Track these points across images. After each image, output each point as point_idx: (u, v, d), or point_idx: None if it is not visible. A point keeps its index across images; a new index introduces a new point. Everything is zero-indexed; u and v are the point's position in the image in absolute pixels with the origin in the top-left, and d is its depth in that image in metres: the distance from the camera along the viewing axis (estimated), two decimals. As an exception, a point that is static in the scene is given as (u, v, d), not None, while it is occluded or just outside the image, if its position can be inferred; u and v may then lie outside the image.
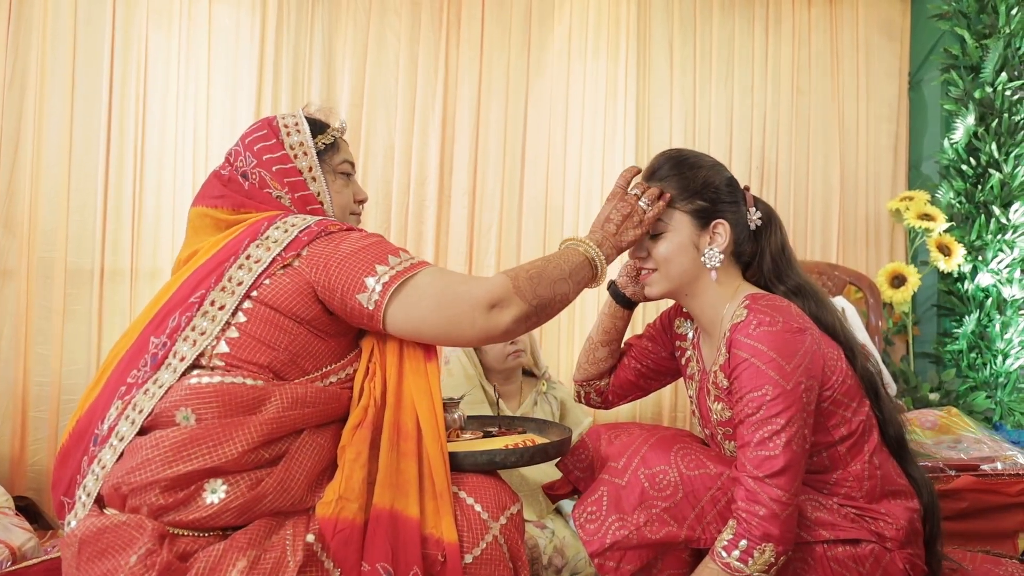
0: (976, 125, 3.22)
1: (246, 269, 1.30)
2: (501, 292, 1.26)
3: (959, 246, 3.07)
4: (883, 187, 3.45)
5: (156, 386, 1.25)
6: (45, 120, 2.42)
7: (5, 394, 2.37)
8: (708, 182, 1.42)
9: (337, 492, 1.21)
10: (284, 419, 1.23)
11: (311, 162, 1.46)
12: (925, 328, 3.38)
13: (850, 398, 1.37)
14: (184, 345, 1.26)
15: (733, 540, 1.23)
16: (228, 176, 1.46)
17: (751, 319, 1.31)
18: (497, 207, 2.97)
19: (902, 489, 1.40)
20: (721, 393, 1.39)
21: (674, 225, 1.42)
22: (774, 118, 3.35)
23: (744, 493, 1.24)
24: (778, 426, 1.25)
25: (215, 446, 1.18)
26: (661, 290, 1.45)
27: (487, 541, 1.25)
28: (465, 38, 2.95)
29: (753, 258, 1.47)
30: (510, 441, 1.48)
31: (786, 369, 1.26)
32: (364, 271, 1.27)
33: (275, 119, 1.49)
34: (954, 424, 2.30)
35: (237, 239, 1.35)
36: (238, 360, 1.25)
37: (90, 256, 2.47)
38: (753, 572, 1.22)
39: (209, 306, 1.28)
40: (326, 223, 1.35)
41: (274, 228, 1.34)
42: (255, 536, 1.18)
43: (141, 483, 1.17)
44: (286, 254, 1.30)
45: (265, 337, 1.27)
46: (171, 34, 2.58)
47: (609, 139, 3.11)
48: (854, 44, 3.44)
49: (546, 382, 2.48)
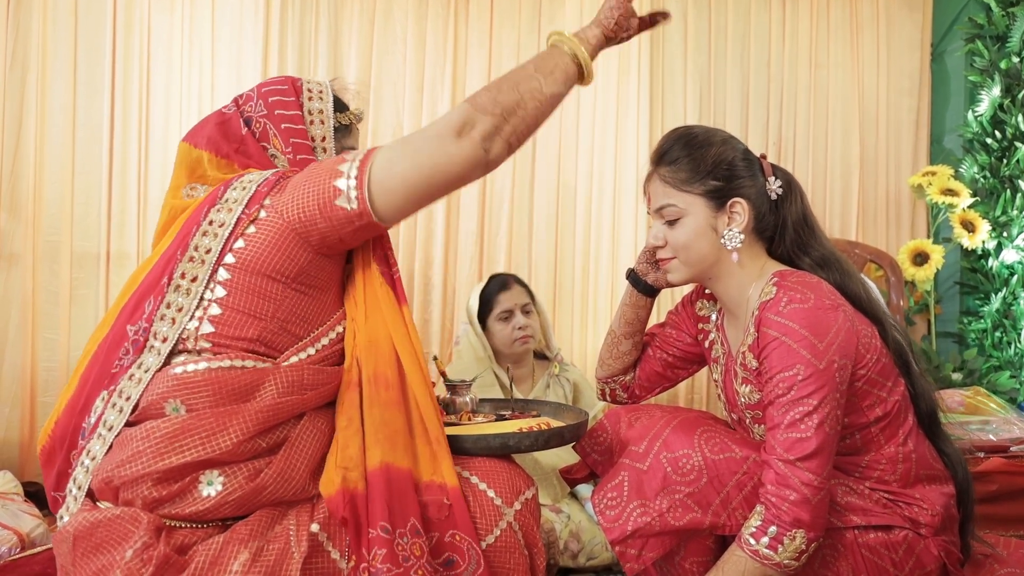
0: (1002, 97, 3.13)
1: (211, 235, 1.24)
2: (461, 115, 1.20)
3: (983, 222, 2.99)
4: (904, 162, 3.37)
5: (142, 371, 1.20)
6: (48, 102, 2.39)
7: (13, 380, 2.36)
8: (720, 159, 1.36)
9: (336, 462, 1.17)
10: (281, 406, 1.17)
11: (327, 132, 1.40)
12: (948, 307, 3.31)
13: (885, 377, 1.31)
14: (163, 325, 1.21)
15: (762, 526, 1.19)
16: (229, 116, 1.38)
17: (781, 296, 1.25)
18: (508, 187, 2.92)
19: (938, 473, 1.34)
20: (749, 375, 1.34)
21: (689, 209, 1.35)
22: (791, 93, 3.27)
23: (774, 477, 1.19)
24: (810, 407, 1.19)
25: (208, 437, 1.12)
26: (682, 277, 1.40)
27: (501, 528, 1.21)
28: (474, 14, 2.88)
29: (776, 232, 1.41)
30: (524, 424, 1.44)
31: (818, 347, 1.21)
32: (330, 178, 1.21)
33: (299, 80, 1.43)
34: (981, 404, 2.23)
35: (197, 209, 1.29)
36: (226, 338, 1.19)
37: (96, 240, 2.45)
38: (783, 559, 1.17)
39: (180, 279, 1.22)
40: (282, 171, 1.30)
41: (232, 190, 1.28)
42: (257, 527, 1.13)
43: (132, 476, 1.12)
44: (249, 210, 1.24)
45: (250, 308, 1.21)
46: (174, 14, 2.54)
47: (622, 116, 3.04)
48: (874, 15, 3.34)
49: (558, 364, 2.44)
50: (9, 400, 2.36)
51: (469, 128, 1.19)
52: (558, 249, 2.98)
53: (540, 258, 2.95)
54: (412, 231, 2.83)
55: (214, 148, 1.35)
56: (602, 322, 3.00)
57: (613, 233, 3.00)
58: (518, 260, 2.91)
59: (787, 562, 1.17)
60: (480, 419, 1.54)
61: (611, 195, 3.02)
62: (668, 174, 1.37)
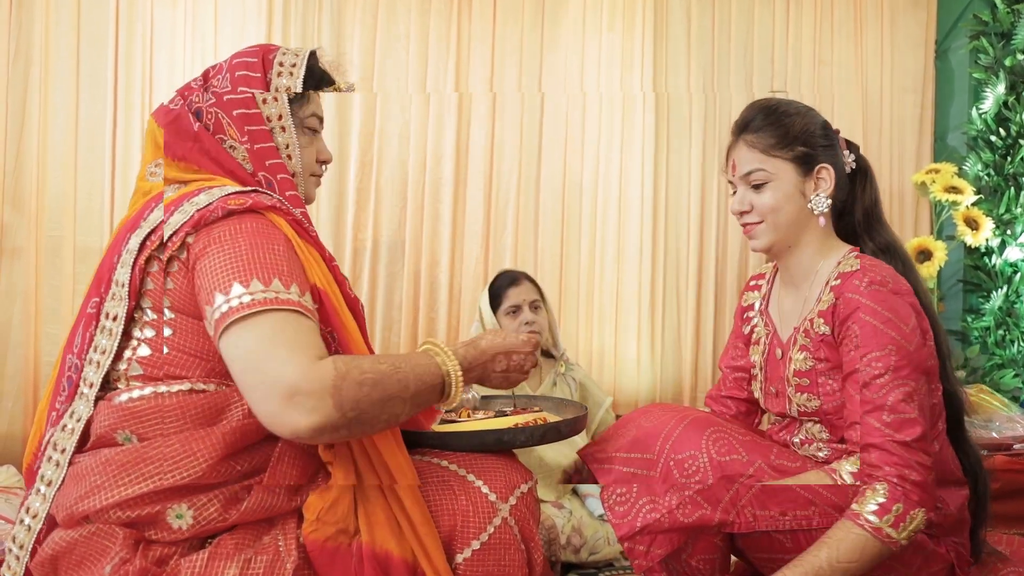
0: (1006, 94, 3.11)
1: (126, 266, 1.12)
2: (312, 384, 0.98)
3: (987, 220, 2.98)
4: (907, 160, 3.36)
5: (73, 420, 1.12)
6: (50, 96, 2.39)
7: (16, 374, 2.37)
8: (806, 128, 1.39)
9: (316, 514, 1.09)
10: (249, 427, 1.08)
11: (281, 109, 1.25)
12: (950, 304, 3.30)
13: (931, 375, 1.31)
14: (90, 368, 1.12)
15: (886, 504, 1.17)
16: (177, 114, 1.23)
17: (864, 271, 1.28)
18: (514, 185, 2.91)
19: (955, 477, 1.35)
20: (810, 341, 1.35)
21: (778, 173, 1.37)
22: (795, 90, 3.25)
23: (892, 459, 1.19)
24: (910, 388, 1.21)
25: (176, 462, 1.05)
26: (767, 242, 1.40)
27: (495, 525, 1.19)
28: (477, 11, 2.88)
29: (844, 209, 1.44)
30: (521, 420, 1.43)
31: (904, 330, 1.24)
32: (221, 283, 1.04)
33: (274, 51, 1.29)
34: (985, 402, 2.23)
35: (125, 228, 1.18)
36: (160, 372, 1.10)
37: (98, 234, 2.45)
38: (901, 537, 1.17)
39: (104, 319, 1.13)
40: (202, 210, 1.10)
41: (155, 211, 1.15)
42: (243, 539, 1.08)
43: (96, 509, 1.05)
44: (173, 242, 1.09)
45: (189, 347, 1.10)
46: (176, 9, 2.54)
47: (628, 113, 3.04)
48: (878, 12, 3.33)
49: (565, 363, 2.44)
50: (12, 394, 2.36)
51: (305, 404, 0.97)
52: (563, 250, 2.97)
53: (545, 259, 2.95)
54: (418, 232, 2.82)
55: (170, 152, 1.22)
56: (607, 322, 3.00)
57: (619, 233, 3.00)
58: (523, 260, 2.91)
59: (904, 540, 1.18)
60: (480, 415, 1.54)
61: (616, 194, 3.01)
62: (756, 140, 1.39)
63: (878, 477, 1.20)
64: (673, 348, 3.07)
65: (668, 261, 3.04)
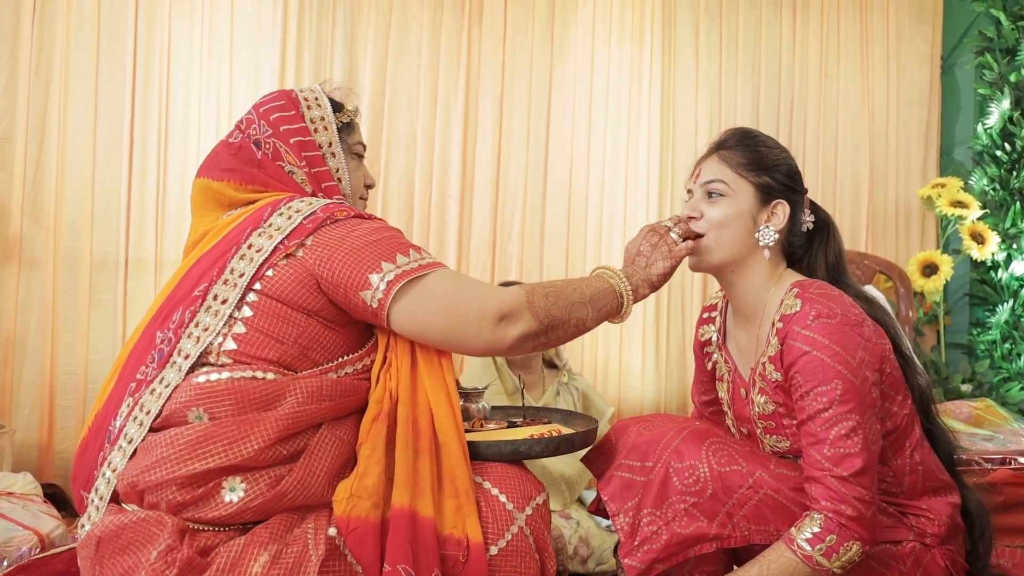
0: (1011, 109, 3.14)
1: (247, 260, 1.25)
2: (513, 304, 1.23)
3: (993, 234, 3.00)
4: (914, 174, 3.38)
5: (163, 386, 1.22)
6: (70, 111, 2.43)
7: (33, 383, 2.40)
8: (779, 161, 1.40)
9: (349, 490, 1.18)
10: (301, 414, 1.20)
11: (331, 137, 1.41)
12: (957, 318, 3.32)
13: (896, 390, 1.32)
14: (188, 342, 1.23)
15: (820, 534, 1.19)
16: (239, 144, 1.38)
17: (807, 310, 1.26)
18: (521, 196, 2.95)
19: (944, 484, 1.36)
20: (767, 386, 1.35)
21: (737, 192, 1.38)
22: (801, 104, 3.29)
23: (828, 493, 1.20)
24: (854, 422, 1.21)
25: (231, 443, 1.15)
26: (709, 260, 1.40)
27: (512, 532, 1.23)
28: (488, 24, 2.92)
29: (802, 260, 1.45)
30: (535, 431, 1.46)
31: (852, 363, 1.23)
32: (369, 267, 1.22)
33: (293, 91, 1.43)
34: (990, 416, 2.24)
35: (240, 227, 1.30)
36: (246, 356, 1.22)
37: (115, 245, 2.48)
38: (834, 567, 1.19)
39: (212, 300, 1.24)
40: (332, 209, 1.28)
41: (277, 215, 1.28)
42: (276, 530, 1.16)
43: (157, 481, 1.15)
44: (288, 243, 1.24)
45: (273, 331, 1.23)
46: (193, 24, 2.58)
47: (634, 126, 3.07)
48: (884, 28, 3.36)
49: (568, 373, 2.46)
50: (28, 403, 2.39)
51: (513, 319, 1.23)
52: (569, 258, 3.00)
53: (551, 268, 2.98)
54: (424, 240, 2.86)
55: (237, 177, 1.36)
56: (612, 333, 3.02)
57: (623, 244, 3.01)
58: (529, 269, 2.94)
59: (836, 570, 1.19)
60: (492, 426, 1.57)
61: (622, 204, 3.04)
62: (728, 156, 1.40)
63: (816, 508, 1.22)
64: (677, 359, 3.09)
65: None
